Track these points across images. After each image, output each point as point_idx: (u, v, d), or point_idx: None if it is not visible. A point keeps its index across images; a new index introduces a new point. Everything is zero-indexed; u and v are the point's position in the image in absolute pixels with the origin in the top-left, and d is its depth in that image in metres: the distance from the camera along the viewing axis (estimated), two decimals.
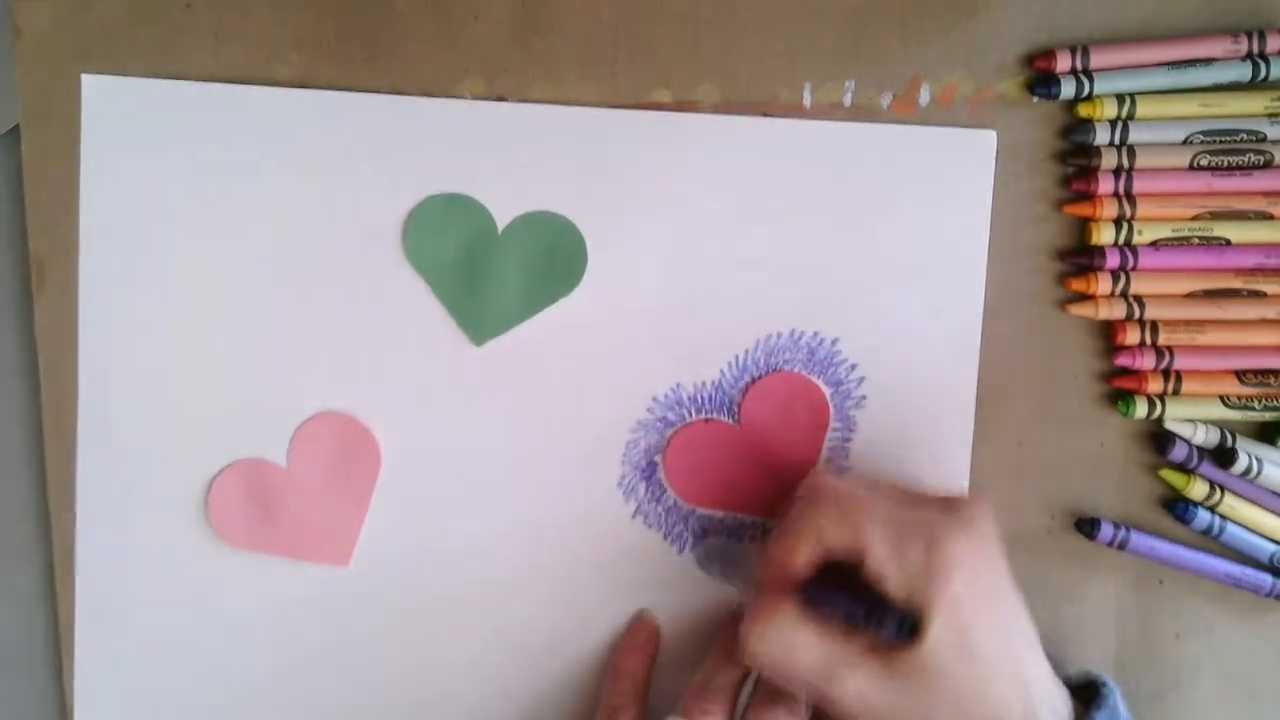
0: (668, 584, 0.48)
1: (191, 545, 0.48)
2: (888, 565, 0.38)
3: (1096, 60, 0.46)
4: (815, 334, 0.48)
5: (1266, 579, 0.47)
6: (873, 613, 0.38)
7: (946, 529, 0.38)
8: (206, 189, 0.47)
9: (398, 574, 0.48)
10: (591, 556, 0.48)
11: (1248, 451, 0.47)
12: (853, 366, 0.48)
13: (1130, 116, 0.47)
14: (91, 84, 0.47)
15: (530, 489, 0.48)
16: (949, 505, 0.40)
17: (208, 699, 0.48)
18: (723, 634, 0.47)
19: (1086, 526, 0.48)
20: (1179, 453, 0.47)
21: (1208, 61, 0.47)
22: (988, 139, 0.47)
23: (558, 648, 0.48)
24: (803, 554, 0.40)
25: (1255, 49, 0.47)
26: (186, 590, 0.48)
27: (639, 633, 0.48)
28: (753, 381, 0.48)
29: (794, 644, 0.39)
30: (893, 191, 0.47)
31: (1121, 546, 0.47)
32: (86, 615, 0.48)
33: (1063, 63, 0.46)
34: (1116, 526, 0.47)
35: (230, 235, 0.48)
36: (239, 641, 0.48)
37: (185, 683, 0.48)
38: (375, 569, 0.48)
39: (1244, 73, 0.47)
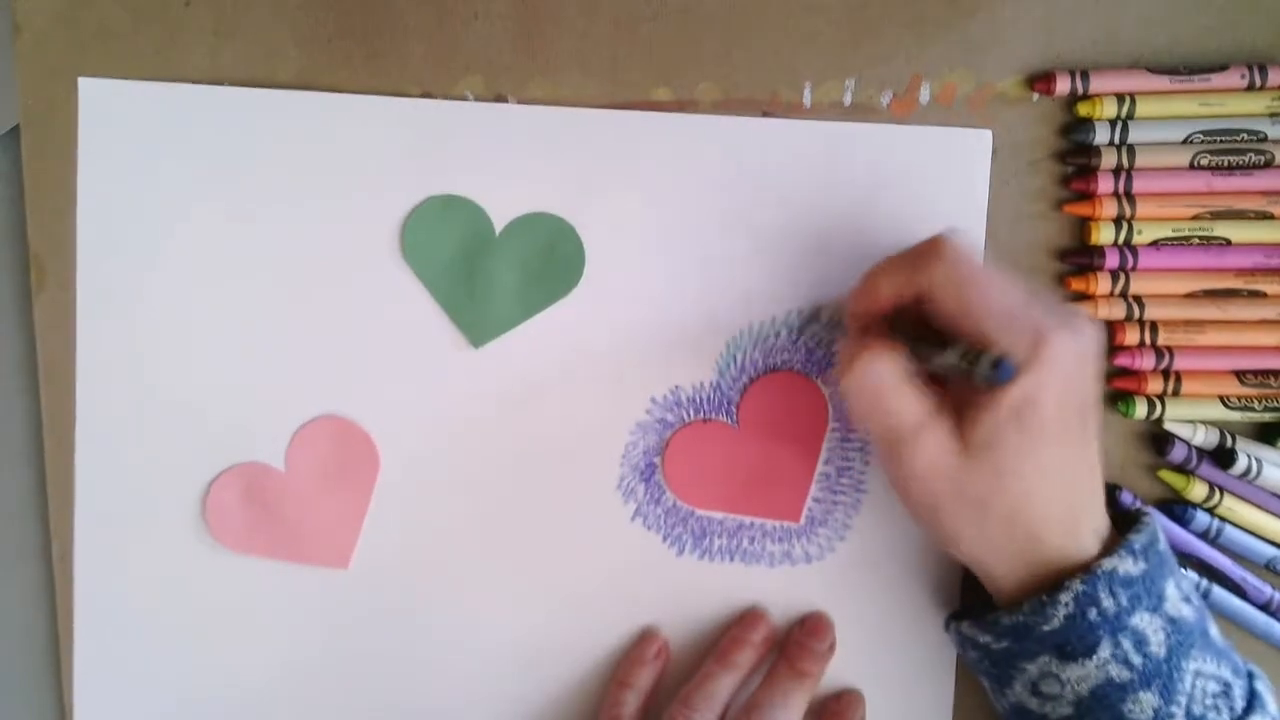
0: (667, 586, 0.48)
1: (190, 549, 0.48)
2: (997, 342, 0.38)
3: (1096, 85, 0.47)
4: (814, 334, 0.48)
5: (1266, 589, 0.47)
6: (976, 356, 0.38)
7: (1059, 329, 0.38)
8: (203, 192, 0.47)
9: (397, 576, 0.48)
10: (590, 558, 0.48)
11: (1247, 452, 0.46)
12: None
13: (1130, 116, 0.47)
14: (89, 87, 0.47)
15: (529, 491, 0.48)
16: (1065, 310, 0.40)
17: (208, 702, 0.49)
18: (722, 641, 0.47)
19: (1106, 492, 0.47)
20: (1178, 453, 0.47)
21: (1207, 75, 0.47)
22: (984, 138, 0.47)
23: (557, 649, 0.48)
24: (898, 289, 0.40)
25: (1257, 82, 0.47)
26: (186, 594, 0.48)
27: (647, 647, 0.48)
28: (751, 382, 0.48)
29: (890, 390, 0.40)
30: (890, 190, 0.47)
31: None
32: (86, 619, 0.48)
33: (1062, 85, 0.47)
34: (1135, 497, 0.47)
35: (227, 238, 0.48)
36: (239, 644, 0.48)
37: (185, 686, 0.48)
38: (374, 571, 0.48)
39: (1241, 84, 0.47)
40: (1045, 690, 0.40)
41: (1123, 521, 0.42)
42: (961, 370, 0.38)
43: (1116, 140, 0.47)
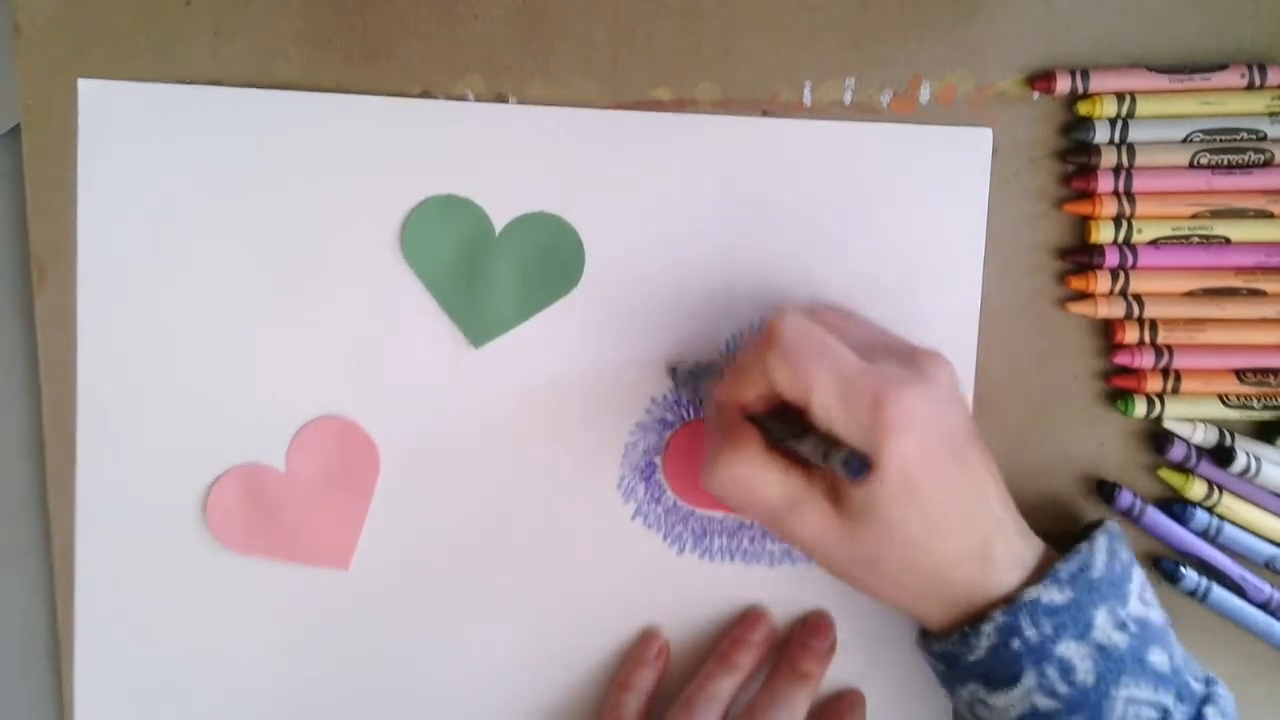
0: (667, 585, 0.48)
1: (191, 550, 0.48)
2: (834, 421, 0.37)
3: (1096, 84, 0.47)
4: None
5: (1265, 587, 0.47)
6: (830, 450, 0.38)
7: (898, 386, 0.37)
8: (203, 192, 0.47)
9: (398, 577, 0.48)
10: (591, 558, 0.48)
11: (1246, 450, 0.47)
12: None
13: (1130, 114, 0.47)
14: (88, 89, 0.47)
15: (529, 491, 0.48)
16: (910, 359, 0.39)
17: (209, 704, 0.49)
18: (723, 642, 0.47)
19: (1106, 490, 0.48)
20: (1177, 452, 0.47)
21: (1207, 74, 0.47)
22: (983, 136, 0.47)
23: (557, 648, 0.49)
24: (751, 392, 0.40)
25: (1256, 81, 0.47)
26: (186, 594, 0.48)
27: (648, 647, 0.48)
28: None
29: (753, 478, 0.40)
30: (889, 189, 0.47)
31: (1138, 518, 0.47)
32: (87, 620, 0.48)
33: (1062, 84, 0.47)
34: (1135, 495, 0.47)
35: (227, 239, 0.48)
36: (240, 645, 0.48)
37: (186, 687, 0.48)
38: (375, 572, 0.48)
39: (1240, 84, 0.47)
40: (980, 714, 0.41)
41: (1084, 538, 0.41)
42: (820, 463, 0.39)
43: (1116, 139, 0.47)
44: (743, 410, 0.41)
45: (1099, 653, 0.39)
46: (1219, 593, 0.47)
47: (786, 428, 0.40)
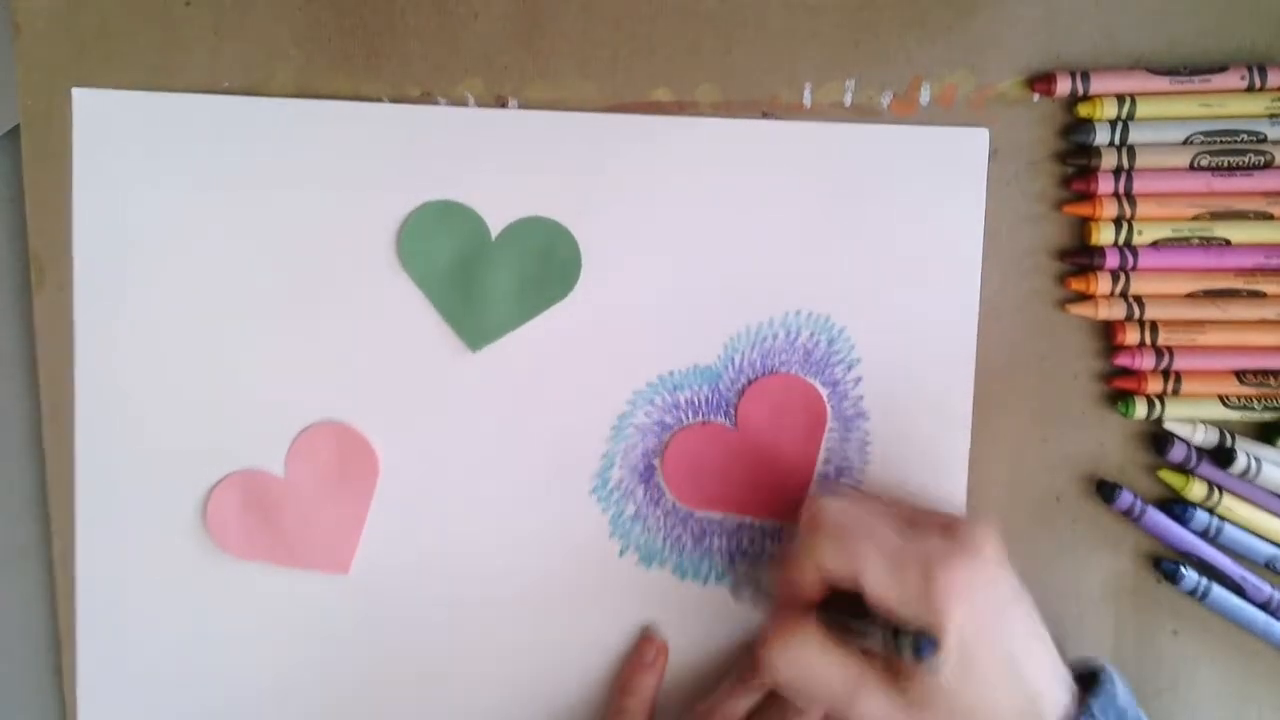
0: (667, 587, 0.48)
1: (191, 556, 0.48)
2: (888, 595, 0.38)
3: (1096, 85, 0.47)
4: (811, 335, 0.48)
5: (1265, 587, 0.47)
6: (894, 635, 0.38)
7: (944, 558, 0.38)
8: (199, 199, 0.47)
9: (398, 581, 0.48)
10: (590, 561, 0.48)
11: (1246, 451, 0.47)
12: (849, 367, 0.48)
13: (1130, 116, 0.47)
14: (82, 97, 0.47)
15: (527, 493, 0.48)
16: (950, 529, 0.40)
17: (209, 708, 0.49)
18: (743, 661, 0.47)
19: (1106, 490, 0.48)
20: (1178, 453, 0.47)
21: (1207, 75, 0.47)
22: (980, 137, 0.47)
23: (557, 651, 0.49)
24: (807, 581, 0.40)
25: (1257, 83, 0.47)
26: (187, 600, 0.48)
27: (647, 650, 0.48)
28: (749, 383, 0.48)
29: (813, 665, 0.40)
30: (887, 190, 0.47)
31: (1138, 518, 0.47)
32: (88, 624, 0.48)
33: (1062, 86, 0.47)
34: (1135, 496, 0.47)
35: (224, 245, 0.48)
36: (240, 650, 0.48)
37: (187, 692, 0.49)
38: (375, 576, 0.48)
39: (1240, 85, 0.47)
40: None
41: (1085, 677, 0.42)
42: (884, 650, 0.39)
43: (1117, 141, 0.47)
44: (801, 600, 0.41)
45: None
46: (1219, 593, 0.47)
47: (846, 617, 0.40)
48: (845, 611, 0.40)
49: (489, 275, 0.47)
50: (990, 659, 0.38)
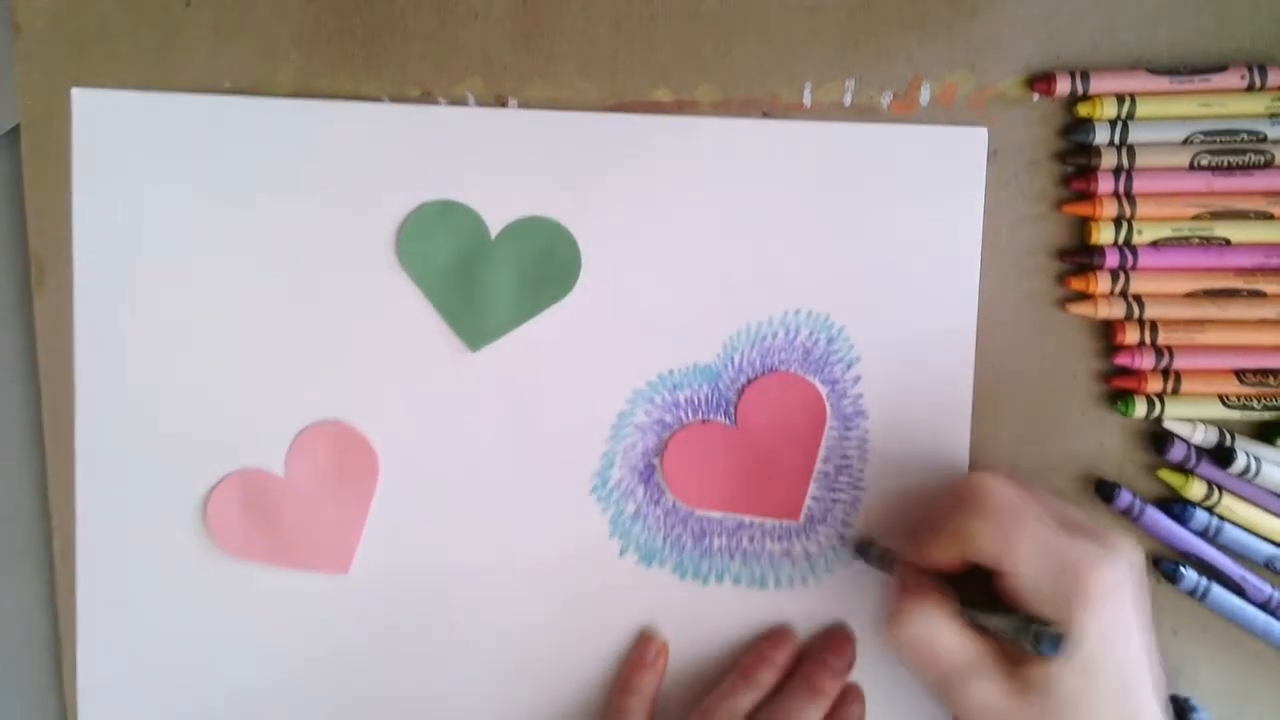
0: (667, 587, 0.48)
1: (191, 556, 0.48)
2: (1036, 586, 0.38)
3: (1096, 85, 0.47)
4: (811, 333, 0.48)
5: (1265, 587, 0.47)
6: (1026, 625, 0.38)
7: (1099, 562, 0.38)
8: (199, 199, 0.47)
9: (398, 581, 0.48)
10: (590, 560, 0.48)
11: (1246, 451, 0.47)
12: (849, 366, 0.48)
13: (1130, 116, 0.47)
14: (81, 98, 0.47)
15: (527, 493, 0.48)
16: (1098, 535, 0.40)
17: (209, 708, 0.49)
18: (748, 656, 0.47)
19: (1105, 489, 0.48)
20: (1177, 452, 0.47)
21: (1207, 75, 0.47)
22: (979, 136, 0.47)
23: (557, 651, 0.49)
24: (948, 555, 0.41)
25: (1257, 82, 0.47)
26: (186, 600, 0.48)
27: (646, 649, 0.48)
28: (749, 382, 0.48)
29: (939, 639, 0.40)
30: (886, 190, 0.47)
31: (1137, 518, 0.47)
32: (89, 624, 0.48)
33: (1062, 85, 0.47)
34: (1134, 495, 0.47)
35: (224, 245, 0.48)
36: (240, 649, 0.48)
37: (187, 692, 0.49)
38: (376, 576, 0.48)
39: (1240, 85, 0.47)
40: None
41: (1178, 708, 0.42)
42: (1012, 639, 0.39)
43: (1116, 140, 0.47)
44: (932, 571, 0.42)
45: None
46: (1219, 593, 0.47)
47: (975, 596, 0.40)
48: (972, 592, 0.40)
49: (488, 275, 0.47)
50: (1112, 670, 0.39)
